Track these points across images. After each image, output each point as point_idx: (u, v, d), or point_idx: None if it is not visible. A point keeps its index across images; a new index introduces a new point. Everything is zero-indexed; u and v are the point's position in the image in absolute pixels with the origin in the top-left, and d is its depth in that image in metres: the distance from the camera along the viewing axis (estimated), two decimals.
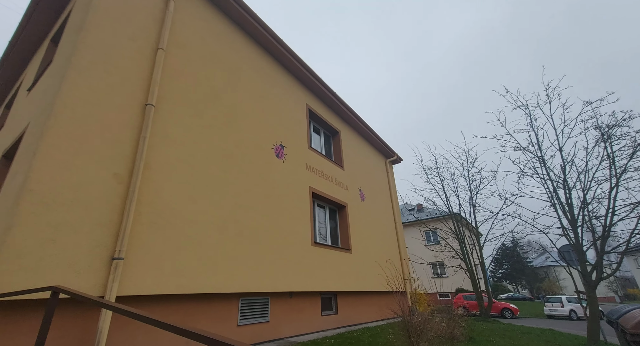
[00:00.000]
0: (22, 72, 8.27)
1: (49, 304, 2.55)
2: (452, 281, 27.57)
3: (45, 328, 2.55)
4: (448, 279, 28.27)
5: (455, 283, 27.39)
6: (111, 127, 4.27)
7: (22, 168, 3.77)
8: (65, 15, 6.18)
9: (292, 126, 8.49)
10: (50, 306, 2.58)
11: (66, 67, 4.03)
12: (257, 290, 5.74)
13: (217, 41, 6.68)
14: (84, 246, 3.62)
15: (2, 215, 3.43)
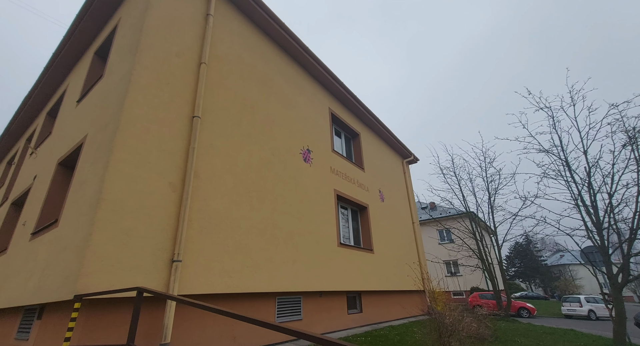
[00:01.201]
0: (62, 81, 8.76)
1: (136, 301, 2.91)
2: (466, 279, 27.54)
3: (135, 321, 2.92)
4: (462, 278, 28.22)
5: (469, 281, 27.37)
6: (165, 139, 4.62)
7: (91, 178, 4.15)
8: (109, 30, 6.57)
9: (316, 130, 8.76)
10: (137, 303, 2.94)
11: (126, 86, 4.38)
12: (293, 290, 6.06)
13: (250, 53, 6.98)
14: (149, 250, 3.98)
15: (81, 222, 3.81)
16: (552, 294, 49.97)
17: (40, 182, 6.47)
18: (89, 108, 5.68)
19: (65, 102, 7.52)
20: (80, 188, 4.33)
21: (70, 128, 6.16)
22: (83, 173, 4.54)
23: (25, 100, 9.66)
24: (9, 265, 5.70)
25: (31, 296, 4.20)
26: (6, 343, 4.90)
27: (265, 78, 7.25)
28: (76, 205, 4.24)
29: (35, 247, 4.97)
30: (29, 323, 4.58)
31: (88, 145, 4.91)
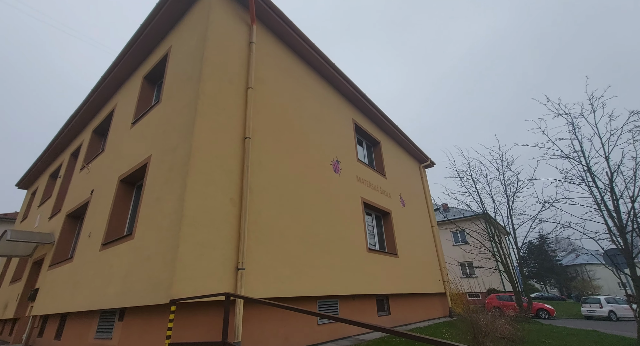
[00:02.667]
0: (108, 101, 9.49)
1: (225, 304, 3.47)
2: (482, 281, 27.58)
3: (226, 321, 3.48)
4: (478, 279, 28.26)
5: (485, 283, 27.40)
6: (225, 159, 5.19)
7: (167, 196, 4.74)
8: (158, 57, 7.23)
9: (343, 141, 9.26)
10: (227, 306, 3.49)
11: (193, 113, 4.97)
12: (331, 293, 6.56)
13: (284, 73, 7.54)
14: (219, 259, 4.54)
15: (164, 236, 4.39)
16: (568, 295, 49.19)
17: (99, 196, 7.14)
18: (148, 130, 6.31)
19: (116, 122, 8.20)
20: (156, 205, 4.93)
21: (128, 148, 6.81)
22: (155, 191, 5.14)
23: (72, 117, 10.44)
24: (79, 273, 6.35)
25: (114, 300, 4.80)
26: (86, 342, 5.52)
27: (297, 95, 7.80)
28: (153, 220, 4.84)
29: (108, 256, 5.59)
30: (110, 324, 5.18)
31: (154, 165, 5.52)
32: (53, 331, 6.96)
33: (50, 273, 7.90)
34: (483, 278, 27.37)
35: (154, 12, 6.83)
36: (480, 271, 26.97)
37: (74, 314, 6.37)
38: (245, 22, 6.71)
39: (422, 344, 5.87)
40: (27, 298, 8.88)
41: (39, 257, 9.20)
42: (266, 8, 6.87)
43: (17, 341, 8.80)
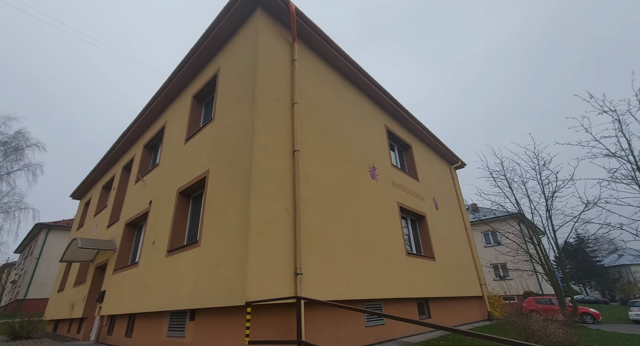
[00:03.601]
0: (157, 119, 10.32)
1: (297, 307, 3.85)
2: (517, 283, 26.62)
3: (299, 322, 3.87)
4: (512, 282, 27.31)
5: (521, 285, 26.40)
6: (278, 172, 5.62)
7: (230, 208, 5.23)
8: (206, 78, 7.85)
9: (377, 148, 9.51)
10: (298, 308, 3.87)
11: (250, 131, 5.45)
12: (376, 297, 6.82)
13: (323, 86, 7.93)
14: (280, 265, 4.95)
15: (231, 244, 4.87)
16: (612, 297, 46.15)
17: (159, 207, 7.83)
18: (204, 146, 6.89)
19: (169, 138, 8.93)
20: (219, 216, 5.44)
21: (184, 163, 7.44)
22: (216, 203, 5.66)
23: (124, 133, 11.41)
24: (147, 277, 7.02)
25: (186, 302, 5.34)
26: (158, 340, 6.13)
27: (335, 106, 8.15)
28: (218, 229, 5.34)
29: (175, 262, 6.18)
30: (181, 323, 5.75)
31: (213, 179, 6.06)
32: (123, 329, 7.71)
33: (115, 276, 8.72)
34: (518, 280, 26.42)
35: (203, 37, 7.45)
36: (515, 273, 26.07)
37: (142, 314, 7.04)
38: (287, 41, 7.17)
39: None
40: (95, 300, 9.81)
41: (101, 262, 10.13)
42: (306, 27, 7.29)
43: (85, 338, 9.74)
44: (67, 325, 12.08)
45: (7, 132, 26.09)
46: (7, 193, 26.46)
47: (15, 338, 11.03)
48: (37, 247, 30.34)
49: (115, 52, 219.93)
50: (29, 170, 26.89)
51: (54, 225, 31.19)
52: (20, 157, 26.44)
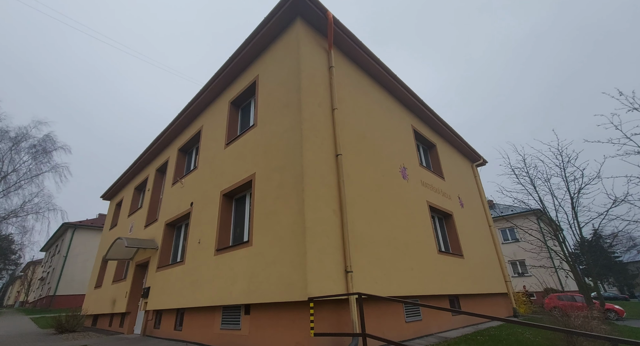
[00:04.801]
0: (190, 124, 10.77)
1: (359, 302, 4.15)
2: (536, 280, 26.44)
3: (362, 316, 4.16)
4: (531, 278, 27.15)
5: (541, 282, 26.20)
6: (325, 175, 5.94)
7: (282, 210, 5.58)
8: (244, 84, 8.20)
9: (406, 148, 9.72)
10: (360, 304, 4.17)
11: (299, 137, 5.77)
12: (413, 293, 7.09)
13: (356, 90, 8.18)
14: (332, 263, 5.28)
15: (285, 244, 5.21)
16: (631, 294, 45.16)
17: (201, 208, 8.27)
18: (247, 151, 7.25)
19: (206, 142, 9.34)
20: (271, 217, 5.79)
21: (226, 166, 7.82)
22: (266, 205, 6.02)
23: (158, 137, 11.92)
24: (195, 274, 7.46)
25: (241, 297, 5.73)
26: (212, 332, 6.56)
27: (368, 109, 8.40)
28: (270, 230, 5.70)
29: (226, 260, 6.59)
30: (236, 317, 6.15)
31: (261, 182, 6.42)
32: (171, 323, 8.20)
33: (159, 274, 9.24)
34: (538, 277, 26.24)
35: (243, 45, 7.80)
36: (535, 270, 25.91)
37: (192, 308, 7.50)
38: (323, 48, 7.44)
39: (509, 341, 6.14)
40: (137, 296, 10.38)
41: (141, 260, 10.69)
42: (342, 34, 7.55)
43: (129, 332, 10.33)
44: (107, 320, 12.76)
45: (37, 136, 27.28)
46: (37, 194, 27.67)
47: (62, 331, 11.77)
48: (64, 245, 31.65)
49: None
50: (56, 172, 28.04)
51: (79, 224, 32.47)
52: (48, 159, 27.59)
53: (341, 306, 5.34)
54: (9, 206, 26.68)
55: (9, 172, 26.22)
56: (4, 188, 26.07)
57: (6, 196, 26.41)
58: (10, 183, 26.37)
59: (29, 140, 26.58)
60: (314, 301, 4.74)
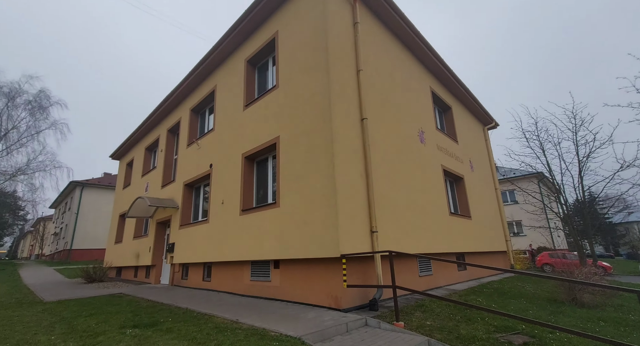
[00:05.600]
0: (201, 83, 10.42)
1: (390, 258, 4.48)
2: (531, 239, 27.92)
3: (392, 271, 4.51)
4: (525, 238, 28.63)
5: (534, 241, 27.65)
6: (352, 140, 5.96)
7: (311, 174, 5.71)
8: (261, 42, 7.80)
9: (424, 111, 9.57)
10: (391, 260, 4.51)
11: (327, 101, 5.67)
12: (428, 251, 7.55)
13: (380, 50, 7.81)
14: (360, 224, 5.56)
15: (316, 206, 5.43)
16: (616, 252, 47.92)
17: (222, 169, 8.40)
18: (269, 113, 7.16)
19: (222, 103, 9.14)
20: (299, 181, 5.95)
21: (247, 129, 7.78)
22: (294, 169, 6.13)
23: (168, 96, 11.62)
24: (221, 232, 7.84)
25: (274, 253, 6.12)
26: (242, 282, 7.13)
27: (390, 70, 8.10)
28: (299, 193, 5.89)
29: (252, 220, 6.89)
30: (265, 270, 6.63)
31: (286, 146, 6.45)
32: (199, 275, 8.85)
33: (182, 231, 9.71)
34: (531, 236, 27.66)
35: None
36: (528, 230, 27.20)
37: (219, 262, 8.03)
38: (347, 2, 6.94)
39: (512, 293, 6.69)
40: (164, 250, 11.03)
41: (162, 218, 11.13)
42: None
43: (156, 282, 11.16)
44: (131, 271, 13.68)
45: (31, 91, 26.47)
46: (40, 151, 27.70)
47: (91, 281, 12.69)
48: (74, 203, 32.51)
49: None
50: (56, 129, 27.78)
51: (86, 183, 33.02)
52: (46, 115, 27.12)
53: (366, 263, 5.75)
54: (15, 163, 26.89)
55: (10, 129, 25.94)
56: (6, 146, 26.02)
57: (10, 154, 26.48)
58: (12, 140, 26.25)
59: (23, 96, 25.89)
60: (346, 258, 5.09)
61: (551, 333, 3.83)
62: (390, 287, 4.54)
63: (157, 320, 4.48)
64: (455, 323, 4.33)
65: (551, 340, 3.59)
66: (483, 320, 4.42)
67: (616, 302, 6.14)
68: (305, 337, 3.58)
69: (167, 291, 8.45)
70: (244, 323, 4.19)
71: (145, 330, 3.95)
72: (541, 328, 3.97)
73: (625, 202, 19.15)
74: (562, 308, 5.47)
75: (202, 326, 4.01)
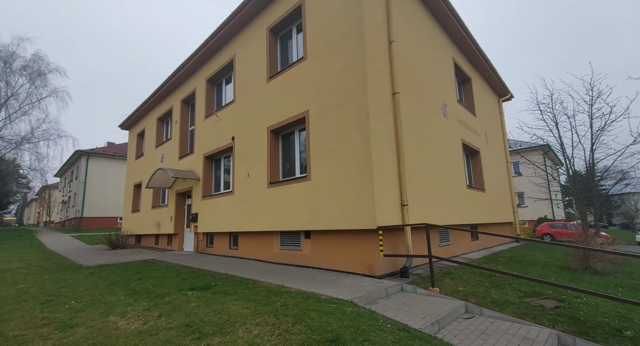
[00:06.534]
0: (218, 52, 10.09)
1: (427, 230, 4.76)
2: (532, 210, 28.73)
3: (428, 241, 4.80)
4: (527, 209, 29.43)
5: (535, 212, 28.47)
6: (384, 115, 5.98)
7: (342, 148, 5.81)
8: (284, 9, 7.47)
9: (446, 83, 9.41)
10: (427, 232, 4.78)
11: (363, 75, 5.62)
12: (447, 223, 7.87)
13: (407, 19, 7.49)
14: (391, 198, 5.78)
15: (349, 180, 5.61)
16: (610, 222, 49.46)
17: (245, 142, 8.47)
18: (296, 86, 7.07)
19: (242, 74, 8.94)
20: (330, 155, 6.06)
21: (271, 102, 7.71)
22: (324, 143, 6.21)
23: (182, 66, 11.32)
24: (248, 203, 8.10)
25: (305, 225, 6.42)
26: (271, 251, 7.53)
27: (416, 40, 7.84)
28: (330, 168, 6.03)
29: (281, 192, 7.11)
30: (295, 240, 6.98)
31: (316, 120, 6.47)
32: (225, 243, 9.29)
33: (205, 202, 10.00)
34: (532, 207, 28.44)
35: None
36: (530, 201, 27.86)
37: (245, 232, 8.40)
38: None
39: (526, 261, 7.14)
40: (185, 219, 11.44)
41: (182, 189, 11.40)
42: None
43: (179, 249, 11.70)
44: (151, 239, 14.27)
45: (24, 55, 25.57)
46: (43, 120, 27.43)
47: (114, 247, 13.30)
48: (80, 172, 32.83)
49: None
50: (57, 97, 27.30)
51: (92, 152, 33.07)
52: (45, 82, 26.50)
53: (395, 234, 6.05)
54: (18, 131, 26.76)
55: (9, 96, 25.43)
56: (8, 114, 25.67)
57: (12, 122, 26.22)
58: (14, 108, 25.86)
59: (17, 60, 25.06)
60: (382, 229, 5.37)
61: (578, 298, 4.20)
62: (426, 257, 4.85)
63: (209, 284, 4.85)
64: (485, 288, 4.70)
65: (580, 304, 3.95)
66: (510, 286, 4.80)
67: (626, 270, 6.57)
68: (355, 300, 3.93)
69: (196, 258, 8.92)
70: (291, 288, 4.55)
71: (204, 292, 4.31)
72: (568, 293, 4.33)
73: (623, 174, 19.48)
74: (578, 275, 5.88)
75: (255, 290, 4.36)
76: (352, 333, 2.72)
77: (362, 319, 3.17)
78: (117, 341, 2.76)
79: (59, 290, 4.95)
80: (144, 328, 3.03)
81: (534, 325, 3.46)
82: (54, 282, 5.67)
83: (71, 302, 4.13)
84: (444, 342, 2.90)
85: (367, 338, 2.65)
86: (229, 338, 2.71)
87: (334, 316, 3.14)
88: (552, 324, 3.49)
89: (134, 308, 3.74)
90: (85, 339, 2.83)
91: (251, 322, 3.02)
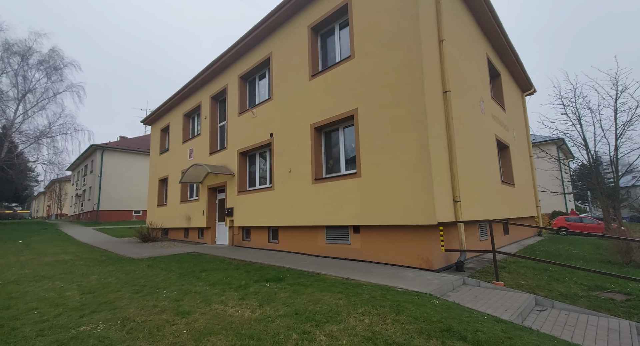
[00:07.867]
0: (252, 49, 10.19)
1: (489, 225, 4.93)
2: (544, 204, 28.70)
3: (492, 236, 4.98)
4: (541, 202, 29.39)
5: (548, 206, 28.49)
6: (437, 112, 6.11)
7: (397, 146, 5.96)
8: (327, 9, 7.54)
9: (482, 79, 9.46)
10: (490, 227, 4.95)
11: (419, 74, 5.73)
12: (485, 218, 8.03)
13: (450, 15, 7.49)
14: (445, 194, 5.95)
15: (410, 178, 5.78)
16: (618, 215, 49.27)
17: (285, 139, 8.64)
18: (342, 84, 7.19)
19: (282, 72, 9.05)
20: (382, 152, 6.22)
21: (314, 100, 7.84)
22: (376, 140, 6.37)
23: (214, 62, 11.43)
24: (291, 198, 8.31)
25: (355, 220, 6.62)
26: (316, 245, 7.77)
27: (457, 36, 7.87)
28: (382, 165, 6.20)
29: (328, 188, 7.30)
30: (344, 235, 7.20)
31: (365, 118, 6.61)
32: (263, 237, 9.56)
33: (242, 197, 10.24)
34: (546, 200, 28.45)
35: None
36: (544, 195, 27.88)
37: (286, 226, 8.64)
38: None
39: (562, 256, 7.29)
40: (222, 214, 11.71)
41: (214, 184, 11.64)
42: None
43: (212, 242, 12.02)
44: (180, 232, 14.61)
45: (41, 50, 25.74)
46: (59, 114, 27.75)
47: (145, 240, 13.66)
48: (95, 165, 33.29)
49: None
50: (73, 91, 27.59)
51: (106, 146, 33.45)
52: (61, 77, 26.75)
53: (448, 229, 6.24)
54: (36, 126, 27.15)
55: (27, 91, 25.72)
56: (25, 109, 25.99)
57: (30, 117, 26.57)
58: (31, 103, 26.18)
59: (34, 55, 25.26)
60: (441, 225, 5.56)
61: None
62: (491, 252, 5.04)
63: (278, 276, 5.08)
64: (545, 282, 4.90)
65: None
66: (571, 279, 4.99)
67: None
68: (432, 292, 4.14)
69: (235, 251, 9.20)
70: (360, 280, 4.77)
71: (280, 284, 4.55)
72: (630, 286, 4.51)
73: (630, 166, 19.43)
74: (626, 269, 6.06)
75: (327, 283, 4.58)
76: (458, 323, 2.93)
77: (455, 311, 3.38)
78: (242, 326, 2.99)
79: (136, 281, 5.22)
80: (255, 316, 3.27)
81: (612, 317, 3.66)
82: (123, 273, 5.95)
83: (163, 292, 4.39)
84: (541, 333, 3.11)
85: (476, 328, 2.85)
86: (344, 325, 2.93)
87: (428, 308, 3.35)
88: (627, 316, 3.69)
89: (227, 297, 3.98)
90: (213, 324, 3.07)
91: (355, 312, 3.24)
